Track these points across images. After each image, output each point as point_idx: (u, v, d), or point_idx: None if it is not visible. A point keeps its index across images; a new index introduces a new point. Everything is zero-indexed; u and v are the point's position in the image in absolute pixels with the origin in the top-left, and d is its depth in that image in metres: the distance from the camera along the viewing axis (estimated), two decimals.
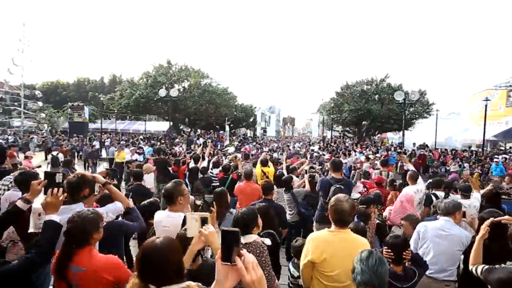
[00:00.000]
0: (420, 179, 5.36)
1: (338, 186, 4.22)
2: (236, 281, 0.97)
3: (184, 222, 2.65)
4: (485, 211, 3.25)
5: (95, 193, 2.81)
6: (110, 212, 2.80)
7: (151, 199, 3.93)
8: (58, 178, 2.34)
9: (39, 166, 10.08)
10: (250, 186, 5.27)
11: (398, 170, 10.57)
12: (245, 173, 5.64)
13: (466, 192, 4.71)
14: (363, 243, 2.36)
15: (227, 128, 20.53)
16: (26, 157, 9.57)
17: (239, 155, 9.80)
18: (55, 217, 2.12)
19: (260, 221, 2.54)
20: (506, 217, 2.70)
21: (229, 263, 0.97)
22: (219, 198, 3.79)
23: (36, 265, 1.97)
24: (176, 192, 2.82)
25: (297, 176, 6.52)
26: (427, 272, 2.82)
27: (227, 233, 1.02)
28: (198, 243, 1.86)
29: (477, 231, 2.86)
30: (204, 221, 1.83)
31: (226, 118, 23.44)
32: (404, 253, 2.52)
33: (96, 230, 2.11)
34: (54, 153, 11.67)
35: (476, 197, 4.74)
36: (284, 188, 5.31)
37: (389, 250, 2.54)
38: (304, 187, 5.67)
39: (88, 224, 2.07)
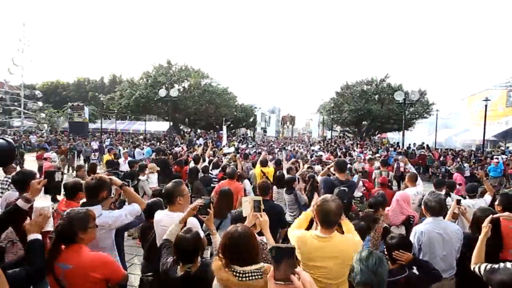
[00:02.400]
0: (419, 181, 5.34)
1: (342, 188, 4.15)
2: None
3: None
4: (479, 208, 3.24)
5: (112, 195, 2.85)
6: (129, 214, 2.81)
7: (154, 199, 3.92)
8: (57, 177, 2.36)
9: (59, 168, 10.06)
10: (233, 185, 5.20)
11: (394, 172, 10.54)
12: (227, 173, 5.62)
13: (471, 192, 4.64)
14: (349, 247, 2.26)
15: (224, 128, 20.22)
16: (45, 159, 9.58)
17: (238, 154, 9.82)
18: (38, 236, 2.12)
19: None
20: (506, 213, 2.69)
21: (283, 283, 0.90)
22: (224, 198, 3.76)
23: (33, 281, 2.00)
24: (175, 192, 2.80)
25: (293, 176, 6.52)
26: None
27: (281, 250, 0.93)
28: (251, 221, 2.23)
29: (475, 230, 2.86)
30: (256, 203, 2.23)
31: (224, 119, 23.22)
32: (394, 253, 2.47)
33: (82, 230, 2.11)
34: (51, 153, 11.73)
35: (484, 199, 4.68)
36: (285, 189, 5.26)
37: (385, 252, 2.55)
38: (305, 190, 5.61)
39: (75, 224, 2.08)
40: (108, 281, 2.10)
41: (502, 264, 2.20)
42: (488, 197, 4.77)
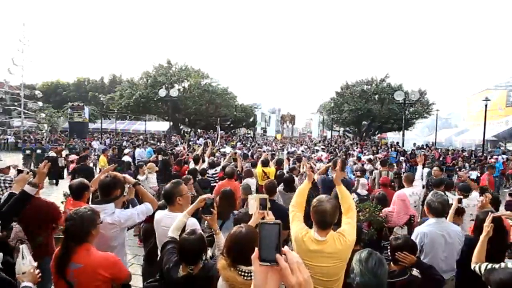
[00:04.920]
0: (418, 182, 5.33)
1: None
2: (278, 285, 0.83)
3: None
4: (481, 211, 3.25)
5: (125, 194, 2.90)
6: (141, 213, 2.84)
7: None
8: (61, 162, 2.47)
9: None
10: (232, 185, 5.24)
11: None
12: (226, 172, 5.62)
13: (465, 192, 4.76)
14: (345, 248, 2.25)
15: (218, 128, 19.67)
16: (72, 161, 9.64)
17: (239, 152, 9.82)
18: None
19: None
20: (508, 212, 2.71)
21: (268, 264, 0.82)
22: (226, 198, 3.74)
23: None
24: (175, 192, 2.79)
25: (296, 176, 6.50)
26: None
27: (266, 227, 0.84)
28: (257, 219, 2.24)
29: (477, 233, 2.87)
30: (262, 201, 2.26)
31: (219, 118, 22.72)
32: (396, 253, 2.45)
33: (94, 228, 2.15)
34: (50, 153, 11.82)
35: (475, 196, 4.77)
36: (283, 187, 5.15)
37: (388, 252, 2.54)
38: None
39: (86, 222, 2.11)
40: (114, 280, 2.15)
41: (502, 264, 2.21)
42: (475, 194, 4.89)
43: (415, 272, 2.44)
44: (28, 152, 13.89)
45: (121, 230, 2.75)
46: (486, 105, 19.11)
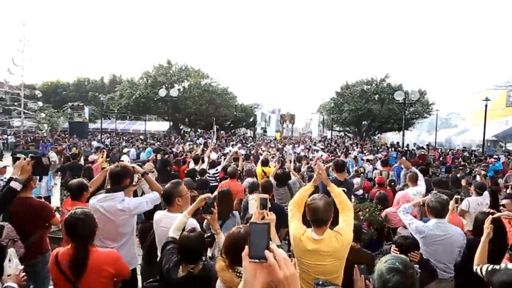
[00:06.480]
0: (422, 181, 5.31)
1: (341, 189, 4.11)
2: (266, 280, 0.88)
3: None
4: (480, 212, 3.25)
5: (134, 183, 3.01)
6: (150, 201, 2.91)
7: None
8: (45, 161, 2.59)
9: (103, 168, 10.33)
10: (235, 185, 5.26)
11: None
12: (228, 172, 5.64)
13: (480, 190, 4.71)
14: (342, 246, 2.26)
15: (214, 128, 19.41)
16: (92, 162, 9.62)
17: (240, 151, 9.82)
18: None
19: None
20: (506, 212, 2.70)
21: (257, 260, 0.87)
22: (224, 198, 3.71)
23: None
24: (174, 193, 2.78)
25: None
26: None
27: (256, 226, 0.91)
28: (258, 219, 2.23)
29: (476, 232, 2.86)
30: (263, 201, 2.27)
31: (214, 119, 22.51)
32: (409, 254, 2.47)
33: (97, 226, 2.21)
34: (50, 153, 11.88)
35: (486, 195, 4.75)
36: (276, 182, 5.14)
37: (397, 249, 2.54)
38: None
39: (94, 223, 2.17)
40: (117, 276, 2.19)
41: (503, 265, 2.20)
42: (485, 193, 4.85)
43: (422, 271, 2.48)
44: (19, 155, 13.88)
45: (130, 217, 2.83)
46: (486, 105, 19.11)
